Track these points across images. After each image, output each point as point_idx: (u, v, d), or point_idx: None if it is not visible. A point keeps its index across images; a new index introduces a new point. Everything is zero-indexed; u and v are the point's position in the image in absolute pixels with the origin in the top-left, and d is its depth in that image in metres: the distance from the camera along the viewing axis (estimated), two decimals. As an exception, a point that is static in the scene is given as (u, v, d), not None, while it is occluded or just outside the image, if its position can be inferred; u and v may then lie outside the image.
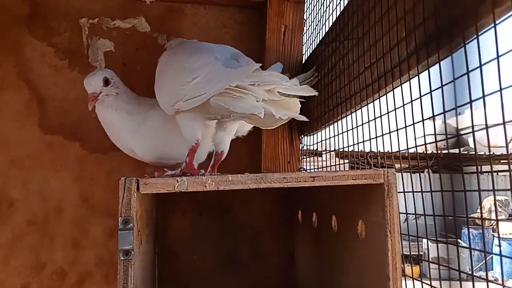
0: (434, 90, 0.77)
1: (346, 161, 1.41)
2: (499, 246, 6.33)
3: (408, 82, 0.87)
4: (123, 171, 1.58)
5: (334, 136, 1.35)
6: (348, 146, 1.23)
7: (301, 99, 0.98)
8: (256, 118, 0.92)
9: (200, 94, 0.94)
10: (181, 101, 0.99)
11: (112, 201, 1.56)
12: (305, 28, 1.67)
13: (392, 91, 0.95)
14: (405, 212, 1.01)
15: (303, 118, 0.97)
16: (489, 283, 0.73)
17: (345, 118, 1.24)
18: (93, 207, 1.59)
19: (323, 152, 1.57)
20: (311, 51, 1.60)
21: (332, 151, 1.44)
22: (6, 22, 1.60)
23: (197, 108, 0.98)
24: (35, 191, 1.57)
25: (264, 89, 0.90)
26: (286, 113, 0.93)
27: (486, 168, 6.96)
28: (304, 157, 1.66)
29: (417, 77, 0.83)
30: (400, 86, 0.90)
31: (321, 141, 1.51)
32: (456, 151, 0.84)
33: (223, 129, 1.16)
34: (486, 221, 6.83)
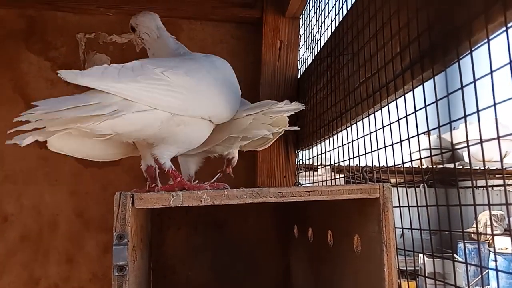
0: (428, 105, 0.77)
1: (342, 175, 1.41)
2: (495, 261, 6.31)
3: (403, 97, 0.88)
4: (118, 186, 1.57)
5: (330, 150, 1.36)
6: (344, 161, 1.23)
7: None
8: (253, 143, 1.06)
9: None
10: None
11: (107, 216, 1.55)
12: (300, 43, 1.68)
13: (387, 106, 0.95)
14: (401, 227, 1.00)
15: (295, 128, 1.09)
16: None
17: (341, 132, 1.25)
18: (87, 222, 1.58)
19: (318, 167, 1.57)
20: (306, 66, 1.61)
21: (327, 165, 1.44)
22: (3, 37, 1.61)
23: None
24: (29, 205, 1.56)
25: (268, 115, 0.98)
26: (281, 128, 0.99)
27: (481, 182, 6.97)
28: (300, 171, 1.66)
29: (411, 92, 0.84)
30: (395, 101, 0.91)
31: (317, 155, 1.51)
32: (451, 165, 0.84)
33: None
34: (482, 236, 6.82)
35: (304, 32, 1.67)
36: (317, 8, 1.50)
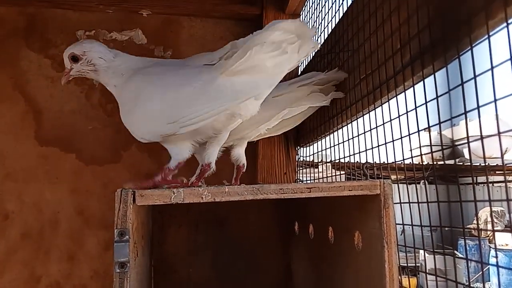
0: (429, 102, 0.77)
1: (342, 172, 1.41)
2: (496, 257, 6.32)
3: (403, 93, 0.88)
4: (119, 183, 1.56)
5: (330, 147, 1.36)
6: (344, 157, 1.24)
7: None
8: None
9: None
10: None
11: (108, 213, 1.55)
12: (300, 40, 1.68)
13: (387, 102, 0.95)
14: (401, 223, 1.01)
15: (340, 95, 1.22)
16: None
17: (341, 129, 1.25)
18: (88, 219, 1.58)
19: (319, 164, 1.57)
20: (307, 63, 1.61)
21: (328, 162, 1.44)
22: (3, 35, 1.61)
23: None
24: (30, 203, 1.56)
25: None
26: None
27: (481, 179, 6.98)
28: (300, 168, 1.66)
29: (412, 88, 0.84)
30: (395, 97, 0.91)
31: (317, 152, 1.51)
32: (451, 162, 0.84)
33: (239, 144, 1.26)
34: (483, 232, 6.83)
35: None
36: (317, 5, 1.50)
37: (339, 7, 1.27)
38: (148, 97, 1.02)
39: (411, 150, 0.95)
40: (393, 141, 0.96)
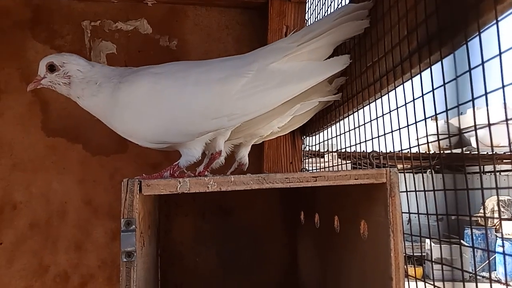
0: (436, 89, 0.77)
1: (348, 161, 1.41)
2: (503, 246, 6.31)
3: (410, 80, 0.87)
4: (125, 173, 1.58)
5: (336, 136, 1.35)
6: (350, 146, 1.23)
7: None
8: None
9: None
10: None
11: (115, 203, 1.56)
12: (306, 29, 1.67)
13: (394, 90, 0.95)
14: (408, 211, 1.00)
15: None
16: (493, 284, 0.73)
17: (347, 118, 1.24)
18: (96, 209, 1.59)
19: (325, 153, 1.57)
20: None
21: (334, 151, 1.44)
22: (9, 26, 1.61)
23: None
24: (38, 194, 1.57)
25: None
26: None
27: (488, 168, 6.95)
28: (306, 158, 1.66)
29: (419, 75, 0.83)
30: (402, 85, 0.90)
31: (323, 141, 1.50)
32: (458, 151, 0.84)
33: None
34: (489, 221, 6.82)
35: (310, 17, 1.65)
36: (323, -7, 1.48)
37: (345, -6, 1.26)
38: (178, 96, 1.01)
39: (418, 139, 0.94)
40: (399, 129, 0.96)
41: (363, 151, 1.18)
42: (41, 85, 1.13)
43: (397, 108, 0.94)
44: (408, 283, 0.90)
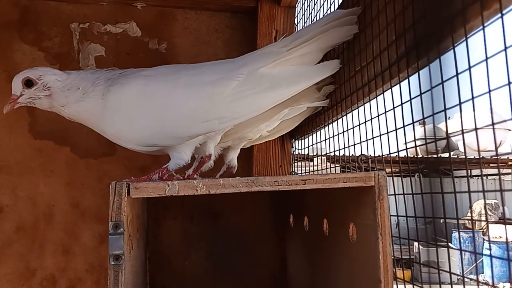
0: (423, 93, 0.77)
1: (337, 165, 1.42)
2: (490, 249, 6.38)
3: (398, 85, 0.88)
4: (114, 176, 1.57)
5: (325, 139, 1.36)
6: (339, 150, 1.24)
7: None
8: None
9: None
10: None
11: (103, 206, 1.55)
12: (296, 33, 1.67)
13: (382, 94, 0.95)
14: (396, 215, 1.01)
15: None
16: (480, 286, 0.73)
17: (336, 121, 1.25)
18: (83, 213, 1.58)
19: (314, 157, 1.57)
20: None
21: (323, 155, 1.45)
22: (-4, 27, 1.59)
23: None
24: (24, 197, 1.55)
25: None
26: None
27: (475, 172, 7.02)
28: (295, 161, 1.66)
29: (407, 80, 0.84)
30: (390, 89, 0.91)
31: (312, 145, 1.51)
32: (446, 155, 0.85)
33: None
34: (477, 225, 6.88)
35: (299, 21, 1.66)
36: (312, -3, 1.49)
37: (334, -1, 1.27)
38: (168, 98, 1.01)
39: (405, 143, 0.95)
40: (387, 133, 0.96)
41: (352, 154, 1.19)
42: (19, 104, 1.09)
43: (385, 112, 0.95)
44: (397, 286, 0.90)
